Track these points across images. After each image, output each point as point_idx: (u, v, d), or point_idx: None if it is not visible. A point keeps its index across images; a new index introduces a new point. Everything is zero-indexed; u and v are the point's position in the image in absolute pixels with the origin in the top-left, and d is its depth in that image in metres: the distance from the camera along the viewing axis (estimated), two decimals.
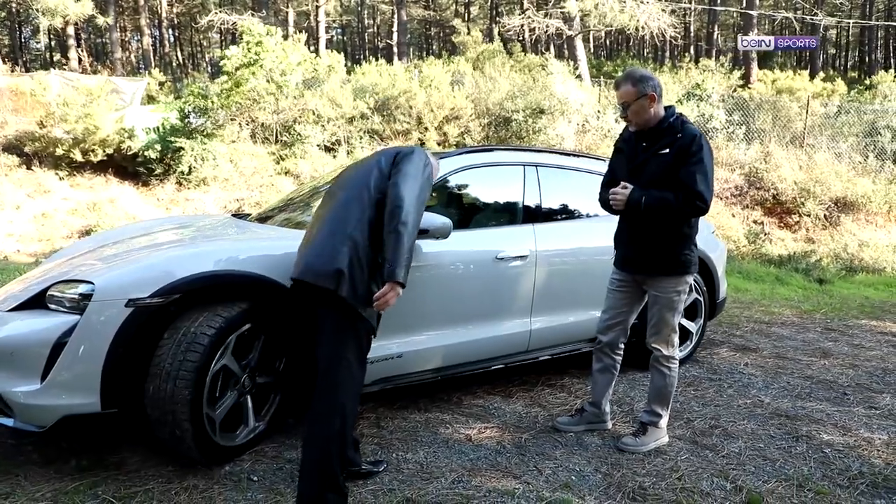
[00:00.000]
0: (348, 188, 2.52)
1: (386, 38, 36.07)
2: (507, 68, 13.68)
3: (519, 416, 3.43)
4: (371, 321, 2.43)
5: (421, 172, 2.47)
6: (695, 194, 2.76)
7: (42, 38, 34.04)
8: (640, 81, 2.86)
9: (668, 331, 3.00)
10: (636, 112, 2.87)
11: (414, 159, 2.49)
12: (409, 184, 2.39)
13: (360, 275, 2.34)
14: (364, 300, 2.35)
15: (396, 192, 2.37)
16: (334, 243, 2.36)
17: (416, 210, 2.38)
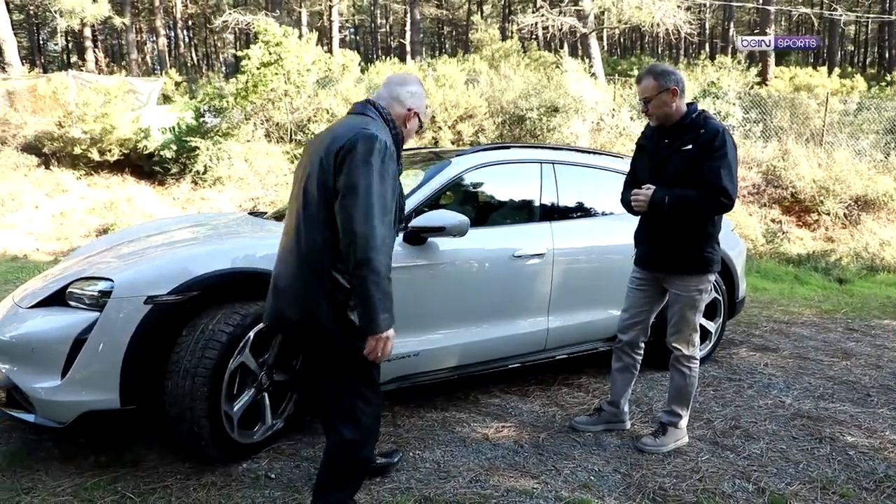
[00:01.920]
0: (302, 200, 2.00)
1: (399, 38, 36.08)
2: (522, 66, 13.61)
3: (536, 415, 3.40)
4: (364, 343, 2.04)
5: (376, 174, 1.87)
6: (719, 190, 2.72)
7: (59, 40, 34.44)
8: (661, 76, 2.83)
9: (689, 330, 2.96)
10: (657, 106, 2.83)
11: (357, 160, 1.87)
12: (360, 201, 1.83)
13: (340, 312, 1.96)
14: (353, 331, 1.97)
15: (347, 217, 1.84)
16: (306, 283, 1.97)
17: (381, 230, 1.85)
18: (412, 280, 3.09)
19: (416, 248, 3.09)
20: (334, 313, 1.95)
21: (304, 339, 2.10)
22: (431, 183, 3.31)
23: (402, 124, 2.15)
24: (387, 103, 2.13)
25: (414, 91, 2.18)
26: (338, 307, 1.95)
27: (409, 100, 2.15)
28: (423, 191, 3.27)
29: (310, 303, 1.97)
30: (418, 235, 3.06)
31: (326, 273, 1.94)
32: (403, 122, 2.15)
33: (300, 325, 2.01)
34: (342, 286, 1.94)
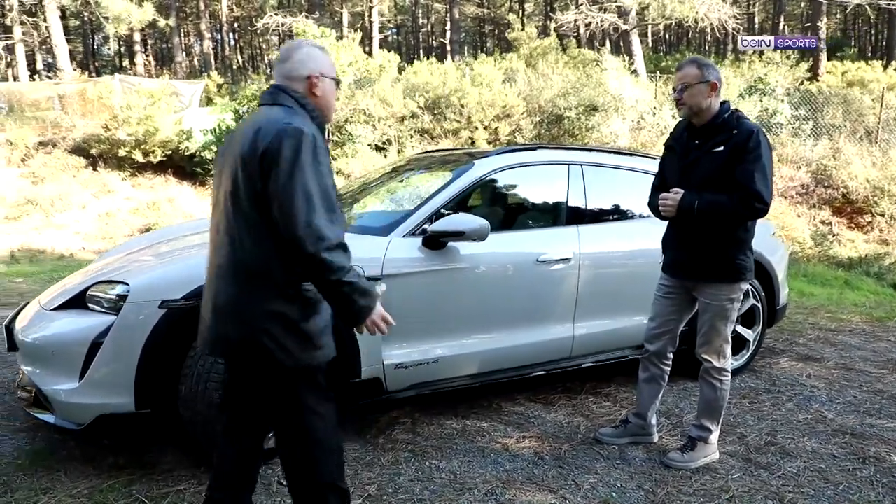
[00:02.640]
0: (232, 209, 1.77)
1: (440, 37, 36.11)
2: (561, 65, 13.41)
3: (560, 425, 3.30)
4: (318, 354, 1.84)
5: (310, 171, 1.67)
6: (753, 195, 2.57)
7: (112, 45, 35.68)
8: (704, 67, 2.71)
9: (719, 341, 2.81)
10: (693, 96, 2.68)
11: (285, 161, 1.66)
12: (299, 204, 1.64)
13: (290, 327, 1.77)
14: (303, 346, 1.79)
15: (288, 224, 1.65)
16: (248, 298, 1.76)
17: (329, 230, 1.67)
18: (431, 285, 3.03)
19: (436, 252, 3.03)
20: (282, 329, 1.76)
21: (245, 360, 1.84)
22: (452, 186, 3.23)
23: (311, 95, 1.85)
24: (289, 83, 1.85)
25: (304, 54, 1.87)
26: (285, 322, 1.76)
27: (301, 67, 1.85)
28: (444, 194, 3.20)
29: (254, 320, 1.75)
30: (437, 240, 3.00)
31: (271, 284, 1.74)
32: (311, 93, 1.85)
33: (242, 345, 1.78)
34: (290, 296, 1.76)
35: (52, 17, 15.01)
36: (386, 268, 2.90)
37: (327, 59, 1.91)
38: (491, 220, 3.15)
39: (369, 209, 3.68)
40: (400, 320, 2.94)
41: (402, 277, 2.95)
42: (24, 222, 10.28)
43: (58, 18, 15.45)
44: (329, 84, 1.90)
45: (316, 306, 1.81)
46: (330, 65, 1.91)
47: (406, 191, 3.73)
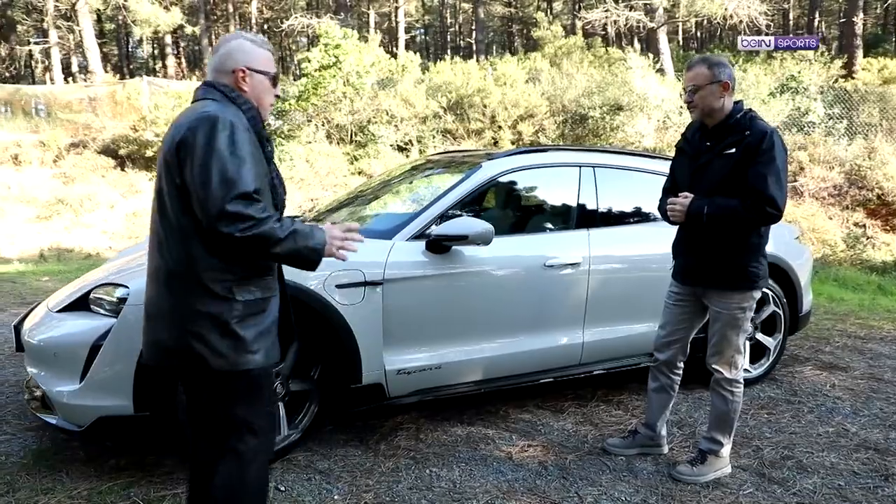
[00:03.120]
0: (159, 209, 1.72)
1: (467, 37, 36.08)
2: (586, 64, 13.23)
3: (567, 434, 3.22)
4: (253, 359, 1.72)
5: (225, 152, 1.59)
6: (765, 199, 2.46)
7: (146, 48, 36.44)
8: (715, 66, 2.59)
9: (730, 351, 2.70)
10: (704, 98, 2.59)
11: (199, 145, 1.60)
12: (214, 185, 1.57)
13: (220, 329, 1.67)
14: (236, 349, 1.69)
15: (206, 206, 1.58)
16: (177, 302, 1.69)
17: (251, 210, 1.59)
18: (434, 289, 2.98)
19: (440, 256, 2.98)
20: (212, 330, 1.66)
21: (184, 368, 1.74)
22: (458, 189, 3.18)
23: (240, 89, 1.77)
24: (217, 76, 1.78)
25: (233, 47, 1.79)
26: (215, 323, 1.67)
27: (228, 60, 1.77)
28: (449, 197, 3.15)
29: (183, 322, 1.67)
30: (441, 244, 2.95)
31: (199, 285, 1.65)
32: (238, 87, 1.76)
33: (177, 352, 1.70)
34: (220, 297, 1.66)
35: (84, 21, 15.38)
36: (388, 272, 2.86)
37: (261, 53, 1.80)
38: (498, 223, 3.10)
39: (377, 212, 3.65)
40: (402, 325, 2.93)
41: (405, 282, 2.90)
42: (55, 221, 10.54)
43: (90, 23, 15.82)
44: (259, 79, 1.80)
45: (251, 308, 1.71)
46: (264, 59, 1.81)
47: (414, 193, 3.69)
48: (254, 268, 1.72)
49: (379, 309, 2.85)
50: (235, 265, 1.68)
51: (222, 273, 1.67)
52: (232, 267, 1.68)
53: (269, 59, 1.84)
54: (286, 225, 1.66)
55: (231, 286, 1.68)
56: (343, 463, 2.84)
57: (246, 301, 1.71)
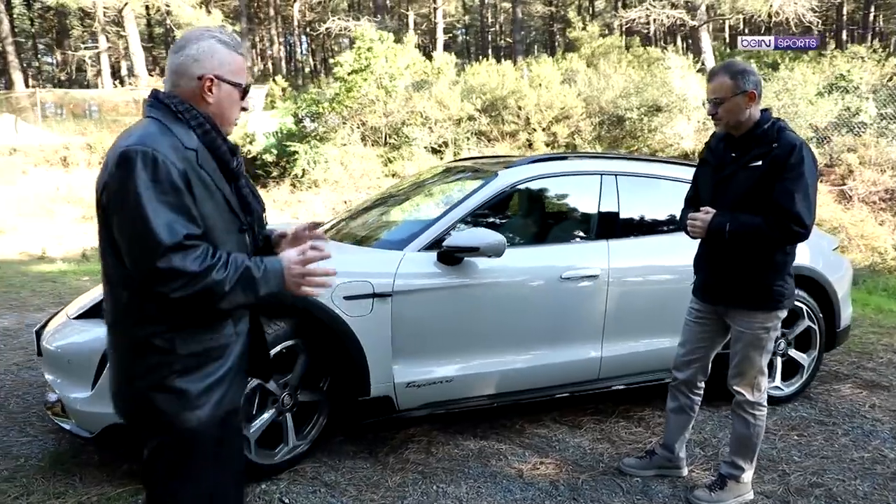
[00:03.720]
0: (99, 248, 1.53)
1: (507, 37, 35.85)
2: (624, 64, 12.97)
3: (583, 451, 3.12)
4: (194, 416, 1.49)
5: (147, 199, 1.35)
6: (791, 217, 2.32)
7: None
8: (739, 75, 2.43)
9: (753, 373, 2.56)
10: (729, 110, 2.44)
11: (117, 190, 1.38)
12: (139, 238, 1.36)
13: (158, 384, 1.47)
14: (176, 406, 1.48)
15: (135, 260, 1.39)
16: (117, 353, 1.53)
17: (184, 262, 1.36)
18: (445, 301, 2.93)
19: (452, 267, 2.92)
20: (150, 385, 1.46)
21: (130, 423, 1.57)
22: (473, 198, 3.12)
23: (201, 102, 1.50)
24: (172, 87, 1.51)
25: (202, 48, 1.50)
26: (154, 375, 1.46)
27: (195, 65, 1.49)
28: (463, 206, 3.09)
29: (124, 376, 1.51)
30: (452, 255, 2.89)
31: (134, 337, 1.47)
32: (201, 100, 1.50)
33: (121, 405, 1.54)
34: (158, 349, 1.45)
35: (129, 26, 15.89)
36: (398, 283, 2.82)
37: (234, 60, 1.53)
38: (514, 233, 3.04)
39: (394, 221, 3.61)
40: (413, 338, 2.89)
41: (415, 294, 2.86)
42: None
43: (135, 28, 16.33)
44: (228, 91, 1.53)
45: (196, 360, 1.49)
46: (237, 66, 1.54)
47: (429, 202, 3.64)
48: (200, 317, 1.48)
49: (388, 321, 2.81)
50: (176, 314, 1.45)
51: (159, 324, 1.45)
52: (171, 317, 1.45)
53: (243, 68, 1.58)
54: (235, 268, 1.42)
55: (173, 338, 1.46)
56: (350, 476, 2.81)
57: (190, 354, 1.48)
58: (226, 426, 1.58)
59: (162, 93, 1.52)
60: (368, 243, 3.22)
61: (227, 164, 1.54)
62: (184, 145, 1.44)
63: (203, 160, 1.47)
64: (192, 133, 1.48)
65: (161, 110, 1.48)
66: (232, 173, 1.56)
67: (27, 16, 31.24)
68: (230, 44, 1.55)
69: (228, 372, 1.55)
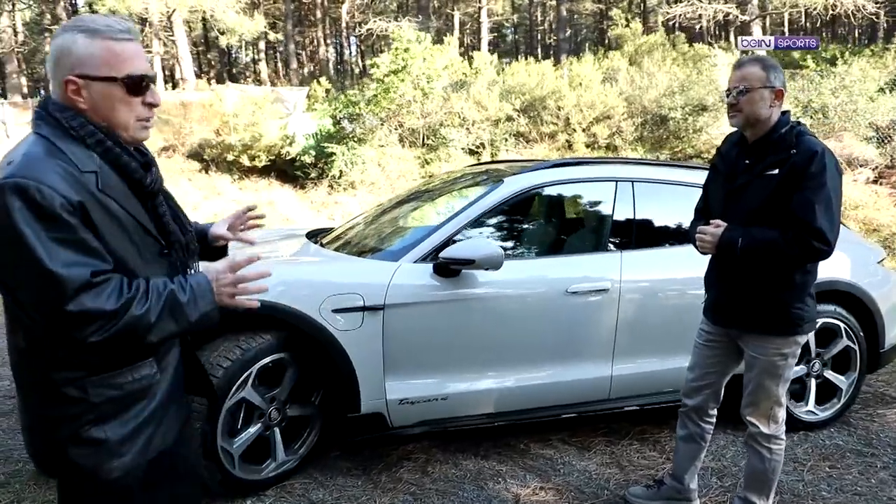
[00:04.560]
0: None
1: (555, 35, 35.36)
2: (668, 62, 12.51)
3: (588, 476, 2.93)
4: (117, 465, 1.34)
5: (35, 242, 1.17)
6: (811, 231, 2.09)
7: (244, 53, 38.34)
8: (771, 68, 2.22)
9: (768, 403, 2.33)
10: (752, 102, 2.20)
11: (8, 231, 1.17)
12: (39, 288, 1.20)
13: (73, 435, 1.32)
14: (95, 456, 1.33)
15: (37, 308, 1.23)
16: (23, 403, 1.39)
17: (92, 302, 1.20)
18: (441, 315, 2.80)
19: (449, 280, 2.79)
20: (63, 437, 1.31)
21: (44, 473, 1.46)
22: (474, 207, 2.98)
23: (76, 109, 1.27)
24: (57, 94, 1.29)
25: (55, 49, 1.27)
26: (67, 426, 1.31)
27: (54, 69, 1.27)
28: (464, 215, 2.95)
29: (33, 422, 1.36)
30: (448, 267, 2.76)
31: (40, 384, 1.31)
32: (73, 105, 1.27)
33: (29, 450, 1.39)
34: (68, 399, 1.30)
35: (178, 32, 16.38)
36: (390, 296, 2.70)
37: (102, 48, 1.26)
38: (518, 244, 2.88)
39: (398, 229, 3.50)
40: (406, 353, 2.77)
41: (409, 307, 2.74)
42: None
43: (183, 33, 16.79)
44: (100, 89, 1.27)
45: (115, 406, 1.33)
46: (103, 56, 1.26)
47: (436, 210, 3.51)
48: (117, 358, 1.32)
49: (379, 335, 2.70)
50: (90, 357, 1.28)
51: (69, 370, 1.28)
52: (83, 361, 1.28)
53: (116, 55, 1.27)
54: (158, 295, 1.28)
55: (84, 384, 1.30)
56: (339, 494, 2.72)
57: (107, 400, 1.32)
58: (156, 469, 1.41)
59: (53, 103, 1.29)
60: (367, 253, 3.12)
61: (139, 182, 1.34)
62: (79, 168, 1.23)
63: (105, 183, 1.27)
64: (91, 152, 1.27)
65: (51, 126, 1.27)
66: (144, 191, 1.36)
67: None
68: (99, 31, 1.26)
69: (156, 412, 1.40)
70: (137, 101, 1.31)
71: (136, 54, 1.31)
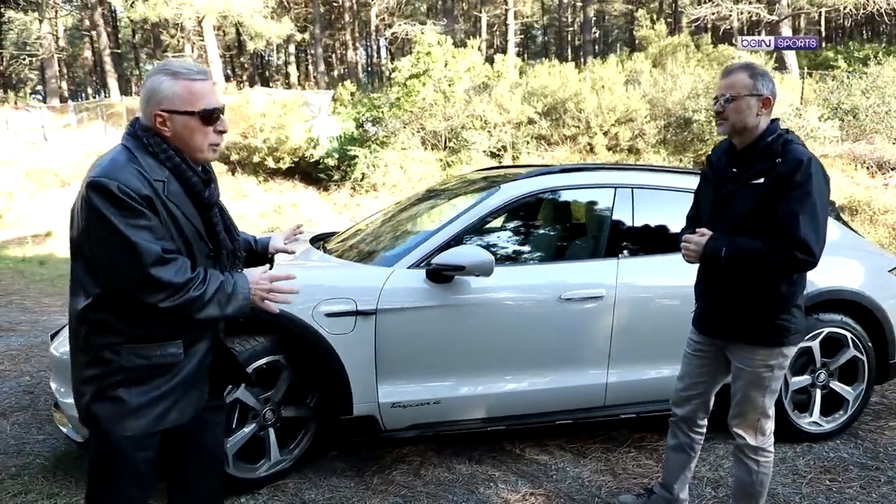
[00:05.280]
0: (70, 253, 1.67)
1: (581, 37, 35.06)
2: (693, 63, 12.32)
3: (581, 483, 2.94)
4: (133, 424, 1.62)
5: (122, 227, 1.51)
6: (794, 242, 2.06)
7: (280, 56, 38.93)
8: (759, 76, 2.20)
9: (755, 415, 2.31)
10: (738, 110, 2.19)
11: (93, 216, 1.52)
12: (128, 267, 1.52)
13: (107, 389, 1.61)
14: (116, 414, 1.61)
15: (122, 285, 1.57)
16: (72, 361, 1.68)
17: (167, 274, 1.54)
18: (433, 321, 2.84)
19: (441, 286, 2.83)
20: (93, 392, 1.60)
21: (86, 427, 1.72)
22: (468, 214, 3.01)
23: (162, 136, 1.60)
24: (147, 120, 1.62)
25: (148, 87, 1.60)
26: (97, 384, 1.60)
27: (146, 103, 1.60)
28: (458, 223, 2.99)
29: (75, 384, 1.66)
30: (441, 273, 2.79)
31: (83, 345, 1.61)
32: (160, 134, 1.59)
33: (77, 409, 1.68)
34: (102, 360, 1.59)
35: (208, 37, 16.74)
36: (382, 301, 2.75)
37: (179, 89, 1.58)
38: (513, 250, 2.90)
39: (399, 234, 3.55)
40: (399, 357, 2.82)
41: (402, 312, 2.78)
42: None
43: (213, 38, 17.14)
44: (182, 121, 1.59)
45: (140, 373, 1.61)
46: (183, 95, 1.58)
47: (436, 215, 3.54)
48: (150, 331, 1.61)
49: (371, 339, 2.75)
50: (128, 324, 1.58)
51: (108, 333, 1.58)
52: (123, 327, 1.58)
53: (193, 93, 1.59)
54: (212, 283, 1.59)
55: (119, 349, 1.59)
56: (331, 494, 2.78)
57: (134, 367, 1.60)
58: (170, 442, 1.72)
59: (139, 124, 1.62)
60: (365, 259, 3.17)
61: (199, 194, 1.64)
62: (151, 176, 1.55)
63: (170, 191, 1.58)
64: (163, 165, 1.58)
65: (134, 140, 1.60)
66: (202, 202, 1.66)
67: (131, 27, 33.57)
68: (180, 73, 1.60)
69: (175, 389, 1.66)
70: (210, 130, 1.64)
71: (210, 92, 1.64)
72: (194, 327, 1.67)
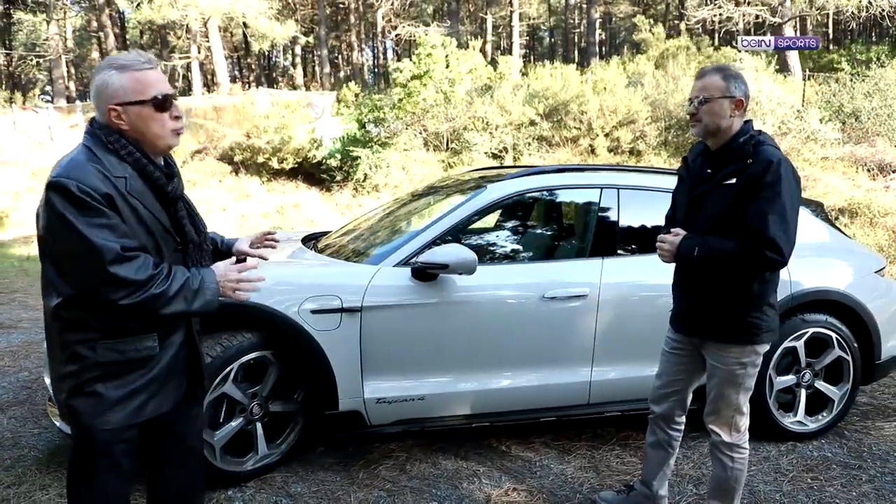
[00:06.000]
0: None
1: (586, 39, 35.05)
2: (693, 65, 12.33)
3: (563, 480, 2.98)
4: (112, 418, 1.65)
5: (82, 228, 1.53)
6: (764, 241, 2.10)
7: (287, 57, 39.12)
8: (732, 78, 2.24)
9: (729, 412, 2.35)
10: (712, 112, 2.23)
11: (53, 218, 1.54)
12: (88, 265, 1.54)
13: (78, 390, 1.64)
14: (94, 409, 1.64)
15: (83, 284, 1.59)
16: (49, 358, 1.76)
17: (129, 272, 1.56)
18: (418, 318, 2.89)
19: (426, 284, 2.88)
20: (71, 387, 1.63)
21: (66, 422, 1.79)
22: (455, 213, 3.06)
23: (119, 130, 1.61)
24: (102, 117, 1.63)
25: (97, 84, 1.61)
26: (74, 379, 1.62)
27: (98, 99, 1.61)
28: (444, 222, 3.04)
29: (53, 380, 1.71)
30: (425, 271, 2.84)
31: (58, 342, 1.64)
32: (116, 130, 1.60)
33: (56, 405, 1.77)
34: (78, 356, 1.61)
35: (213, 38, 16.88)
36: (367, 298, 2.80)
37: (128, 80, 1.59)
38: (499, 250, 2.95)
39: (389, 232, 3.60)
40: (383, 354, 2.87)
41: (386, 309, 2.83)
42: None
43: (219, 39, 17.28)
44: (136, 111, 1.60)
45: (116, 368, 1.64)
46: (133, 86, 1.59)
47: (425, 215, 3.60)
48: (123, 326, 1.63)
49: (356, 336, 2.80)
50: (101, 320, 1.61)
51: (82, 331, 1.61)
52: (97, 323, 1.61)
53: (142, 82, 1.60)
54: (176, 279, 1.60)
55: (94, 345, 1.62)
56: (317, 487, 2.83)
57: (110, 362, 1.63)
58: (149, 434, 1.76)
59: (96, 122, 1.64)
60: (354, 257, 3.22)
61: (162, 189, 1.66)
62: (112, 174, 1.56)
63: (133, 187, 1.59)
64: (123, 162, 1.60)
65: (94, 139, 1.60)
66: (166, 196, 1.68)
67: (138, 28, 33.83)
68: (127, 65, 1.61)
69: (151, 381, 1.70)
70: (165, 116, 1.64)
71: (159, 79, 1.64)
72: (168, 321, 1.70)
